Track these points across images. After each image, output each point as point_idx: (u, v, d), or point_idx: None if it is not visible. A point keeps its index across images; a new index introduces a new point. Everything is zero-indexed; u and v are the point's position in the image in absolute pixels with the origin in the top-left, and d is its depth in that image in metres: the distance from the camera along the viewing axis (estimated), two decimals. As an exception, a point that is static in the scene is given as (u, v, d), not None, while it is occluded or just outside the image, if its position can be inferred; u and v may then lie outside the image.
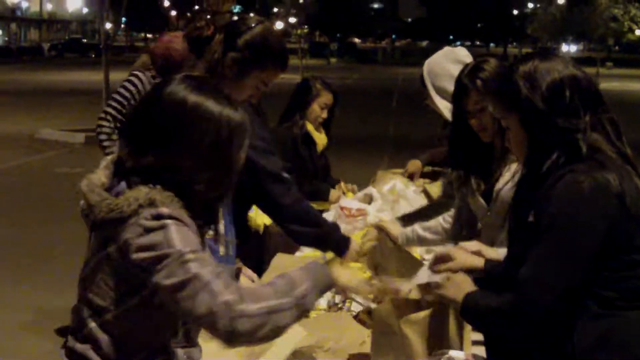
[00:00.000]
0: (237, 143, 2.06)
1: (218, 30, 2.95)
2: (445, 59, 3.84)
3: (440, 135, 4.54)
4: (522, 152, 2.36)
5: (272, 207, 3.30)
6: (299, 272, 2.01)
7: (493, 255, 2.57)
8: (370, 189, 5.00)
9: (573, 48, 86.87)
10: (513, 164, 2.92)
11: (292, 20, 49.97)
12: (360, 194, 4.96)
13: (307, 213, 3.31)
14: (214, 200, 2.07)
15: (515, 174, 2.54)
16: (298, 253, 4.05)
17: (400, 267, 2.93)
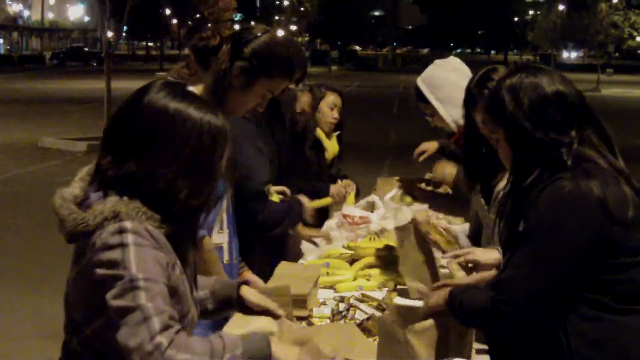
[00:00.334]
0: (219, 150, 2.05)
1: (224, 41, 2.94)
2: (442, 70, 3.85)
3: (446, 145, 4.55)
4: (510, 166, 2.40)
5: (249, 221, 3.46)
6: (239, 340, 1.99)
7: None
8: (373, 197, 5.00)
9: (573, 55, 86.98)
10: None
11: (293, 28, 50.02)
12: (363, 202, 4.95)
13: (275, 214, 3.57)
14: (196, 209, 2.04)
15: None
16: (301, 261, 4.05)
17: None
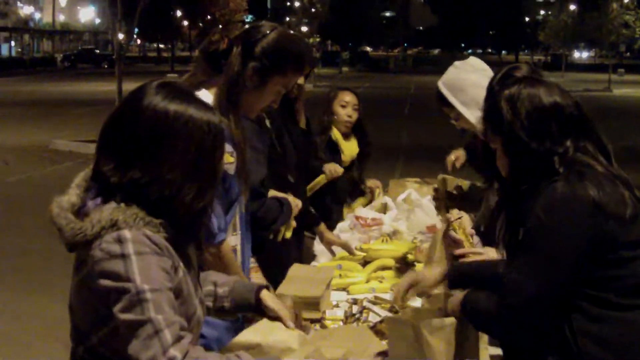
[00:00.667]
0: (219, 148, 2.05)
1: (233, 42, 2.91)
2: (463, 72, 3.79)
3: (473, 147, 4.50)
4: (507, 174, 2.43)
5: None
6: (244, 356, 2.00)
7: None
8: (385, 198, 4.99)
9: (585, 54, 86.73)
10: None
11: (304, 30, 50.06)
12: (376, 203, 4.94)
13: (270, 212, 3.54)
14: (200, 211, 2.03)
15: None
16: (314, 263, 4.04)
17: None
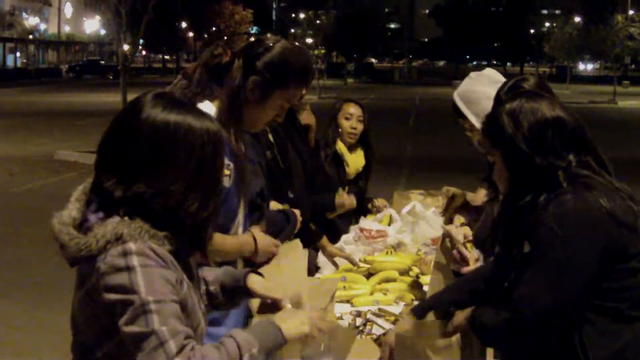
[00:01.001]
0: (219, 156, 2.04)
1: (236, 55, 2.89)
2: (478, 84, 3.71)
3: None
4: (506, 187, 2.42)
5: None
6: (249, 335, 1.97)
7: None
8: (390, 210, 4.98)
9: (590, 66, 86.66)
10: None
11: (309, 41, 50.14)
12: (380, 216, 4.93)
13: (273, 226, 3.40)
14: (204, 221, 2.01)
15: None
16: (317, 274, 4.02)
17: None
